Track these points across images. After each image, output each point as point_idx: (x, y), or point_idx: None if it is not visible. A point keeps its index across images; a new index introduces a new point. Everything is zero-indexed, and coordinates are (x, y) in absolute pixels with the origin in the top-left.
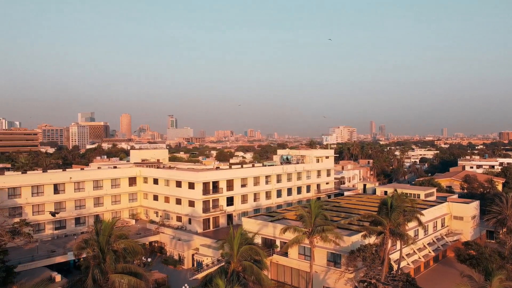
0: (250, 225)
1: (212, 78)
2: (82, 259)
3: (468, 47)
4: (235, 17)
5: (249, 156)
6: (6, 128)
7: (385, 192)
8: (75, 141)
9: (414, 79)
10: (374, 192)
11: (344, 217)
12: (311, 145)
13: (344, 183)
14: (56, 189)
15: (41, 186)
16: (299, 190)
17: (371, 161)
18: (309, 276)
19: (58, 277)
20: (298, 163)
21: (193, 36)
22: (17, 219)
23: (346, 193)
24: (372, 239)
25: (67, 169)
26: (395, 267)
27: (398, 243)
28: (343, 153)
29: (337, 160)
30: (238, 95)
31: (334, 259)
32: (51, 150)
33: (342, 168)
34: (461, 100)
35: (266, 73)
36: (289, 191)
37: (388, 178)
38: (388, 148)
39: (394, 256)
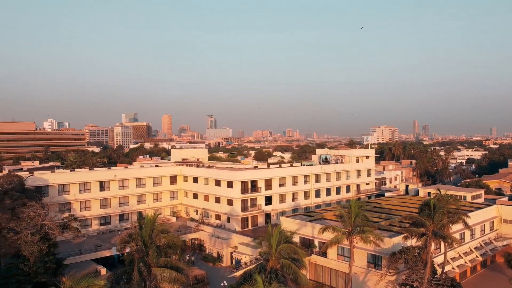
0: (288, 224)
1: (250, 79)
2: (125, 254)
3: None
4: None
5: (287, 156)
6: (56, 128)
7: (429, 194)
8: (119, 141)
9: (460, 76)
10: (417, 193)
11: (385, 218)
12: (351, 145)
13: (385, 184)
14: (102, 186)
15: (88, 183)
16: (338, 190)
17: (413, 161)
18: (348, 277)
19: (103, 270)
20: (337, 163)
21: (231, 38)
22: (66, 214)
23: (387, 194)
24: (414, 241)
25: (112, 168)
26: (439, 271)
27: (442, 246)
28: (384, 153)
29: (378, 160)
30: (277, 95)
31: (374, 261)
32: (97, 149)
33: (383, 168)
34: None
35: (304, 72)
36: (328, 191)
37: (432, 180)
38: (432, 148)
39: (438, 259)
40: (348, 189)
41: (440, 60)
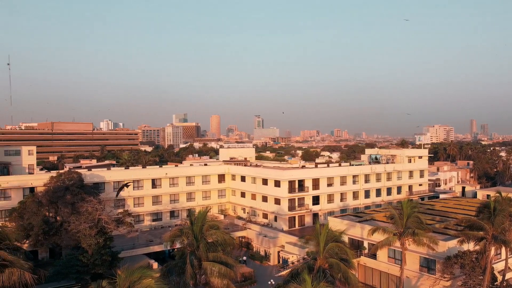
0: (336, 224)
1: (297, 79)
2: (176, 249)
3: None
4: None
5: (335, 155)
6: (112, 128)
7: (488, 196)
8: (170, 141)
9: None
10: (474, 195)
11: (439, 221)
12: (403, 144)
13: (439, 185)
14: (154, 184)
15: (141, 180)
16: (389, 191)
17: (471, 162)
18: (399, 281)
19: (155, 265)
20: (388, 163)
21: (277, 39)
22: (120, 210)
23: (441, 196)
24: (471, 246)
25: (163, 166)
26: (500, 278)
27: (503, 251)
28: (438, 153)
29: (431, 160)
30: (325, 95)
31: (427, 265)
32: (149, 148)
33: (438, 169)
34: None
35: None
36: (378, 192)
37: (492, 182)
38: (491, 148)
39: (499, 266)
40: (399, 190)
41: (497, 54)
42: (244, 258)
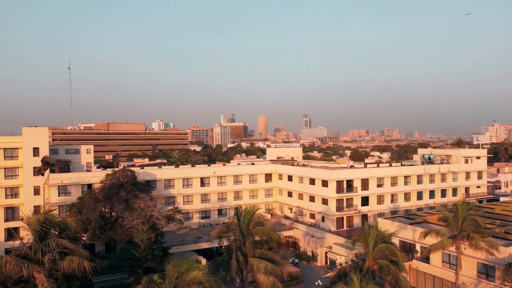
0: (386, 226)
1: (345, 78)
2: (223, 247)
3: None
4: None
5: (386, 156)
6: (163, 128)
7: None
8: (218, 141)
9: None
10: None
11: (499, 225)
12: (459, 144)
13: (499, 188)
14: (202, 182)
15: (190, 179)
16: (443, 193)
17: None
18: (454, 287)
19: (203, 261)
20: (442, 163)
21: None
22: (171, 207)
23: (502, 199)
24: None
25: (211, 165)
26: None
27: None
28: (498, 154)
29: (491, 161)
30: (375, 93)
31: (486, 271)
32: (198, 148)
33: (498, 171)
34: None
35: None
36: (432, 194)
37: None
38: None
39: None
40: (454, 192)
41: None
42: (296, 260)
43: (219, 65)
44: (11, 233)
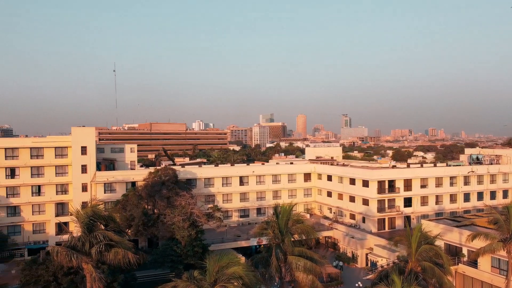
0: (430, 228)
1: (387, 76)
2: (262, 245)
3: None
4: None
5: (430, 156)
6: (203, 128)
7: None
8: (257, 140)
9: None
10: None
11: None
12: (510, 144)
13: None
14: (241, 181)
15: (230, 178)
16: (492, 195)
17: None
18: None
19: (242, 259)
20: (491, 163)
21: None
22: (211, 205)
23: None
24: None
25: (250, 164)
26: None
27: None
28: None
29: None
30: (417, 92)
31: None
32: (237, 147)
33: None
34: None
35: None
36: (480, 196)
37: None
38: None
39: None
40: (505, 194)
41: None
42: (341, 263)
43: (258, 65)
44: (62, 228)
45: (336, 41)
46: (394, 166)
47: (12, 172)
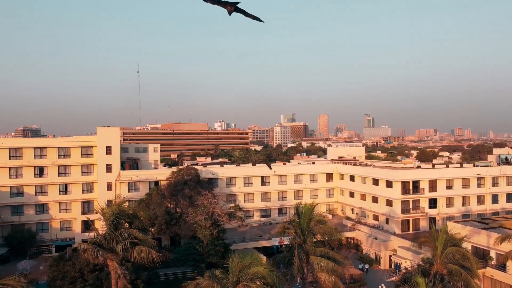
0: (457, 230)
1: (411, 74)
2: (283, 246)
3: None
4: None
5: (456, 156)
6: (225, 128)
7: None
8: (278, 140)
9: None
10: None
11: None
12: None
13: None
14: (263, 181)
15: (251, 177)
16: None
17: None
18: None
19: (264, 259)
20: None
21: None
22: (232, 205)
23: None
24: None
25: (271, 164)
26: None
27: None
28: None
29: None
30: (442, 91)
31: None
32: (258, 147)
33: None
34: None
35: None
36: (509, 197)
37: None
38: None
39: None
40: None
41: None
42: (366, 266)
43: (279, 65)
44: (87, 225)
45: (359, 40)
46: (418, 167)
47: (40, 171)
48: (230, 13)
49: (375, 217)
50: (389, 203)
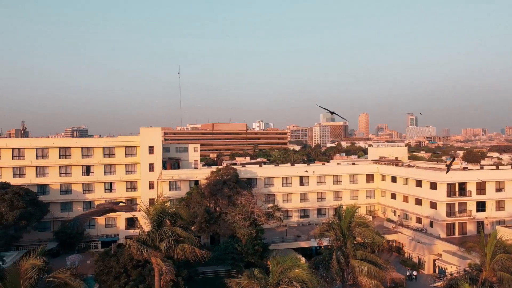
0: (508, 236)
1: (457, 71)
2: (322, 247)
3: None
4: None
5: (507, 157)
6: (263, 128)
7: None
8: (317, 140)
9: None
10: None
11: None
12: None
13: None
14: (302, 181)
15: (290, 178)
16: None
17: None
18: None
19: (302, 260)
20: None
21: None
22: (270, 205)
23: None
24: None
25: (310, 164)
26: None
27: None
28: None
29: None
30: (491, 88)
31: None
32: (297, 147)
33: None
34: None
35: None
36: None
37: None
38: None
39: None
40: None
41: None
42: (414, 273)
43: (318, 65)
44: (131, 222)
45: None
46: (465, 168)
47: (87, 170)
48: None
49: (418, 220)
50: (433, 205)
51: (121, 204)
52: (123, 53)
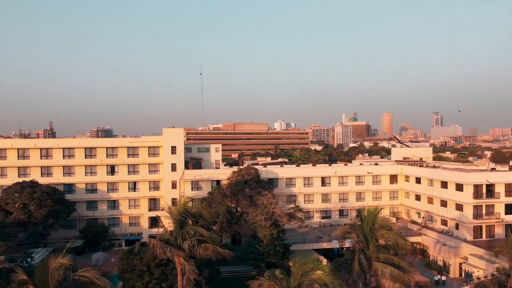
0: None
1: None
2: (345, 248)
3: None
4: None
5: None
6: (284, 128)
7: None
8: (339, 140)
9: None
10: None
11: None
12: None
13: None
14: (323, 181)
15: (311, 178)
16: None
17: None
18: None
19: (324, 261)
20: None
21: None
22: (292, 205)
23: None
24: None
25: (332, 165)
26: None
27: None
28: None
29: None
30: None
31: None
32: (319, 147)
33: None
34: None
35: None
36: None
37: None
38: None
39: None
40: None
41: None
42: (444, 278)
43: (340, 63)
44: (153, 221)
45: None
46: (493, 169)
47: (112, 169)
48: None
49: (444, 222)
50: (459, 207)
51: None
52: (145, 56)
